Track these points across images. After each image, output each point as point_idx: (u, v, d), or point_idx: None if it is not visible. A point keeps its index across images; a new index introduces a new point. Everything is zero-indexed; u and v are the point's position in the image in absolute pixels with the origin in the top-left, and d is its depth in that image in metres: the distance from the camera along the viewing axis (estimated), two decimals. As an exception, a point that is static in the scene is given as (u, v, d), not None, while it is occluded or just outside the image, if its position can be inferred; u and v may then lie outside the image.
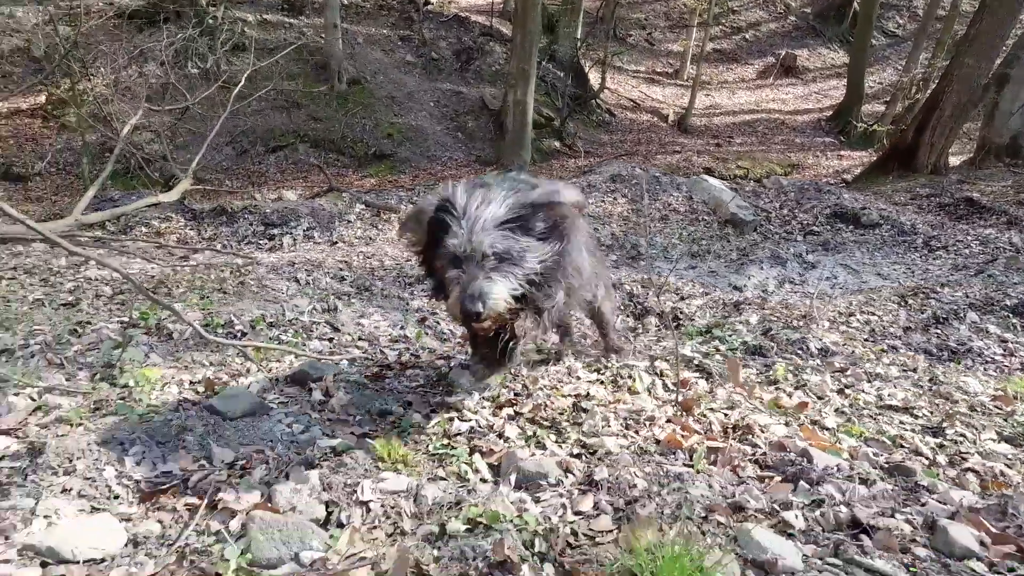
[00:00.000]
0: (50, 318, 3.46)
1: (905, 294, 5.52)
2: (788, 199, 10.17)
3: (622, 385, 2.84)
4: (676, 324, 5.20)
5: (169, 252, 6.30)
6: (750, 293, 6.85)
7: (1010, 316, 4.79)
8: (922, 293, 5.47)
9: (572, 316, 3.34)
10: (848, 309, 5.22)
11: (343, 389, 2.60)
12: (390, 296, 5.25)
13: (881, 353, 3.68)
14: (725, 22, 21.86)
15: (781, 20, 22.43)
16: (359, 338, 3.69)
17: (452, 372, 2.89)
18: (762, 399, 2.77)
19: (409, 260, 6.07)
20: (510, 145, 11.26)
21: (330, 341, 3.56)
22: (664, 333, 4.73)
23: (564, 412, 2.47)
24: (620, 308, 5.64)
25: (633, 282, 6.25)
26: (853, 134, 16.69)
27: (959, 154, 13.58)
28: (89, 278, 5.01)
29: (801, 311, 5.12)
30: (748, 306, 5.55)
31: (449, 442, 2.18)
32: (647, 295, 5.97)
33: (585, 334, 4.29)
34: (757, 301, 5.95)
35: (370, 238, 7.63)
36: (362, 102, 11.99)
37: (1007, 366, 3.94)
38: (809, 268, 7.95)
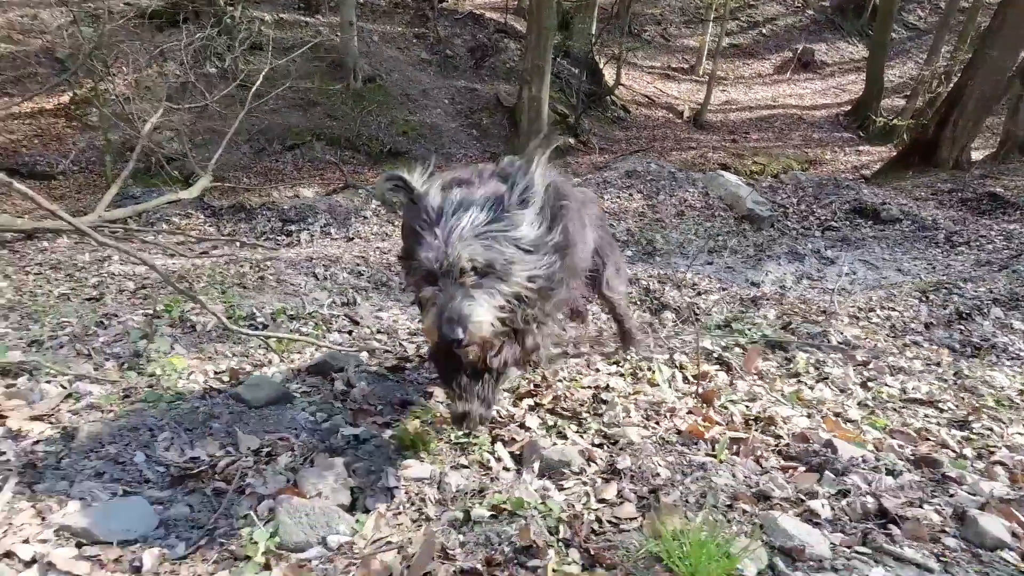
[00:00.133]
0: (77, 311, 3.53)
1: (927, 289, 5.44)
2: (806, 194, 10.05)
3: (641, 377, 2.84)
4: (695, 319, 5.18)
5: (189, 248, 6.39)
6: (768, 289, 6.77)
7: (1036, 311, 4.69)
8: (944, 288, 5.38)
9: (583, 303, 3.19)
10: (868, 304, 5.15)
11: (364, 380, 2.62)
12: (408, 291, 5.28)
13: (904, 347, 3.63)
14: (742, 17, 21.65)
15: (799, 14, 22.15)
16: (378, 331, 3.72)
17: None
18: (783, 391, 2.75)
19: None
20: (524, 142, 11.25)
21: (349, 334, 3.59)
22: (681, 328, 4.70)
23: (584, 403, 2.47)
24: (637, 303, 5.63)
25: (650, 277, 6.22)
26: (872, 129, 16.44)
27: (982, 148, 13.33)
28: (112, 273, 5.10)
29: (820, 307, 5.07)
30: (766, 301, 5.51)
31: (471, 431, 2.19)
32: (664, 290, 5.93)
33: (601, 329, 4.29)
34: (775, 297, 5.90)
35: (386, 234, 7.67)
36: (377, 100, 12.06)
37: (1034, 361, 3.86)
38: (827, 264, 7.85)
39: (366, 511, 1.68)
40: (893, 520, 1.55)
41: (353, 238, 7.49)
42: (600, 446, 2.09)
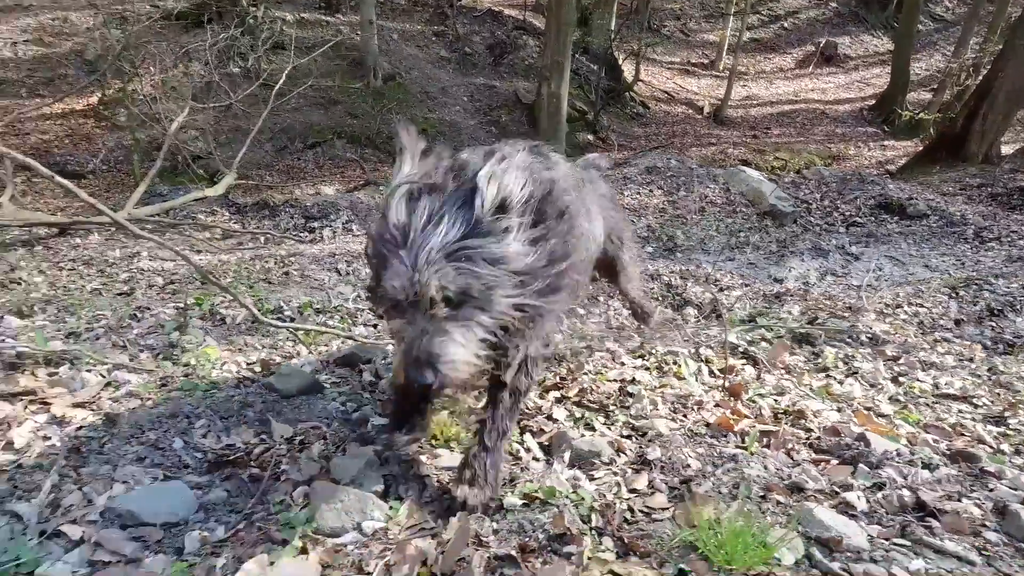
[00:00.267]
0: (111, 304, 3.61)
1: (956, 285, 5.34)
2: (829, 190, 9.91)
3: (667, 371, 2.83)
4: (716, 315, 5.14)
5: (215, 244, 6.50)
6: (791, 285, 6.69)
7: (1072, 307, 4.58)
8: (975, 285, 5.27)
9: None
10: (895, 301, 5.07)
11: (392, 371, 2.65)
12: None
13: (935, 343, 3.57)
14: (763, 10, 21.36)
15: (822, 7, 21.79)
16: (402, 325, 3.75)
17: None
18: (811, 386, 2.72)
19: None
20: (543, 138, 11.24)
21: (375, 327, 3.63)
22: (704, 323, 4.67)
23: (611, 396, 2.47)
24: (659, 299, 5.60)
25: (671, 273, 6.19)
26: (898, 123, 16.13)
27: (1012, 142, 13.00)
28: (142, 269, 5.22)
29: (846, 303, 5.01)
30: (790, 297, 5.45)
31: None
32: (686, 286, 5.90)
33: (624, 324, 4.28)
34: (799, 293, 5.83)
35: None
36: (397, 98, 12.14)
37: (1070, 358, 3.77)
38: (852, 260, 7.73)
39: (399, 498, 1.71)
40: (932, 513, 1.53)
41: (374, 234, 7.55)
42: (629, 437, 2.09)
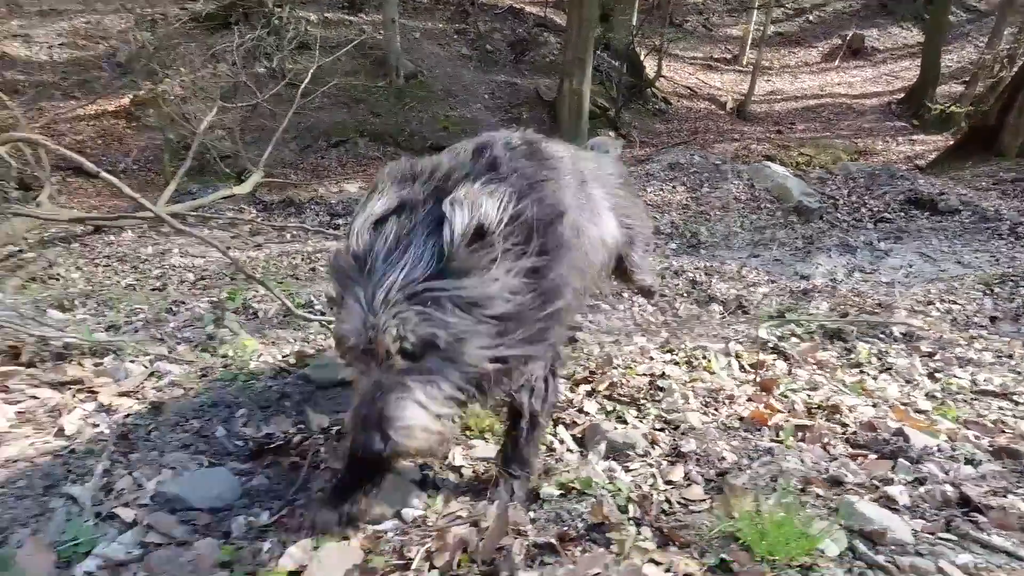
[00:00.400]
0: (147, 299, 3.71)
1: (991, 282, 5.22)
2: (857, 185, 9.75)
3: (697, 365, 2.82)
4: (742, 311, 5.10)
5: (244, 242, 6.62)
6: (819, 281, 6.59)
7: (1115, 304, 4.45)
8: (1011, 281, 5.15)
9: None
10: (927, 297, 4.99)
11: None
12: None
13: (972, 339, 3.49)
14: (787, 3, 21.01)
15: (848, -1, 21.37)
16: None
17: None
18: (844, 381, 2.69)
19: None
20: (565, 136, 11.21)
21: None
22: (729, 319, 4.64)
23: (641, 390, 2.47)
24: (684, 295, 5.58)
25: (696, 270, 6.16)
26: (927, 117, 15.74)
27: (1049, 135, 12.58)
28: (173, 265, 5.34)
29: (875, 299, 4.93)
30: (817, 294, 5.38)
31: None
32: (710, 282, 5.86)
33: (648, 320, 4.27)
34: (826, 289, 5.76)
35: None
36: (419, 96, 12.21)
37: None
38: (881, 257, 7.59)
39: (436, 488, 1.73)
40: (977, 509, 1.51)
41: (398, 231, 7.61)
42: (662, 430, 2.09)
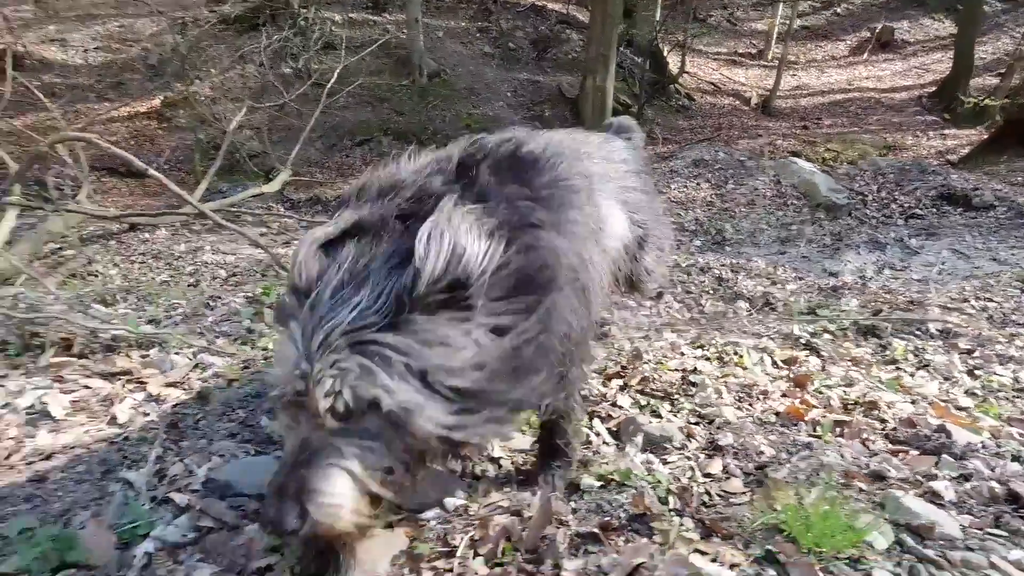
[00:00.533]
0: (184, 294, 3.81)
1: (1030, 279, 5.08)
2: (886, 181, 9.57)
3: (728, 361, 2.81)
4: (769, 309, 5.06)
5: (272, 239, 6.74)
6: (848, 278, 6.49)
7: None
8: (1052, 278, 5.01)
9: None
10: (961, 295, 4.88)
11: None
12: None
13: (1012, 336, 3.41)
14: (814, -3, 20.65)
15: (877, -9, 20.91)
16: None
17: None
18: (880, 378, 2.66)
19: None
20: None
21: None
22: (757, 317, 4.60)
23: (673, 385, 2.47)
24: (710, 292, 5.54)
25: (722, 267, 6.11)
26: (960, 111, 15.35)
27: (1089, 129, 12.18)
28: (206, 262, 5.46)
29: (907, 296, 4.85)
30: (847, 291, 5.31)
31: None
32: (737, 279, 5.81)
33: (675, 317, 4.25)
34: (856, 287, 5.68)
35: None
36: (442, 94, 12.28)
37: None
38: (912, 253, 7.44)
39: (476, 478, 1.76)
40: (1026, 504, 1.49)
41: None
42: (697, 424, 2.09)
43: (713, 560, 1.28)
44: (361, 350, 0.95)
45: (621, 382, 2.49)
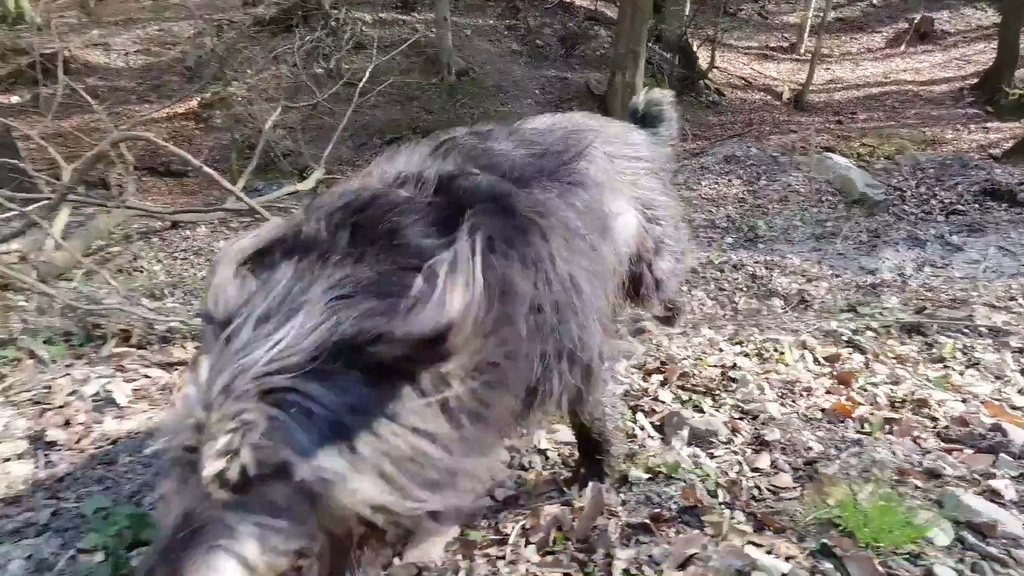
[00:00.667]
0: (227, 289, 3.91)
1: (1082, 276, 4.91)
2: (926, 176, 9.32)
3: (768, 357, 2.78)
4: (804, 306, 4.99)
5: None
6: (886, 276, 6.35)
7: None
8: (1105, 275, 4.83)
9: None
10: (1008, 293, 4.74)
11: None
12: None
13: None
14: (848, -12, 20.14)
15: (915, -19, 20.29)
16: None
17: None
18: (928, 376, 2.61)
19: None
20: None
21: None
22: (793, 314, 4.54)
23: (714, 380, 2.46)
24: (743, 290, 5.49)
25: (755, 264, 6.05)
26: (1003, 103, 14.82)
27: None
28: (245, 259, 5.60)
29: (950, 295, 4.73)
30: (886, 289, 5.21)
31: (606, 403, 2.25)
32: (771, 277, 5.74)
33: (709, 314, 4.21)
34: (895, 284, 5.56)
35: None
36: (470, 92, 12.34)
37: None
38: (954, 251, 7.24)
39: (523, 469, 1.78)
40: (1089, 504, 1.46)
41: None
42: (741, 419, 2.08)
43: (768, 552, 1.28)
44: (275, 399, 0.74)
45: (662, 377, 2.49)
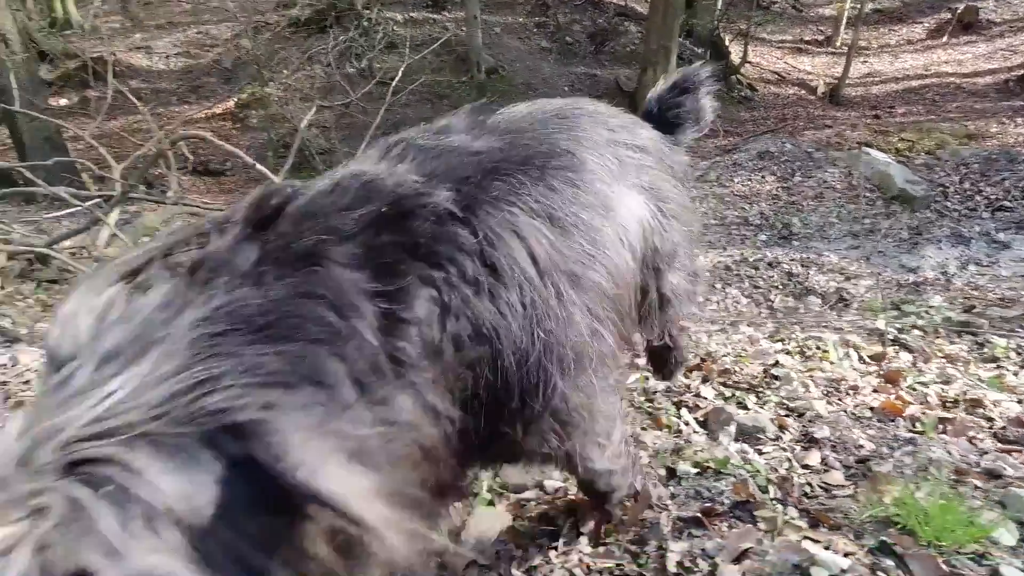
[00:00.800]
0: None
1: None
2: (970, 171, 9.04)
3: (811, 355, 2.75)
4: (842, 304, 4.91)
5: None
6: (928, 274, 6.19)
7: None
8: None
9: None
10: (1060, 293, 4.58)
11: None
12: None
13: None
14: (887, -22, 19.58)
15: (957, -30, 19.61)
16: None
17: None
18: (980, 376, 2.54)
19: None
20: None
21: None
22: (832, 312, 4.47)
23: (756, 377, 2.44)
24: (779, 287, 5.42)
25: (791, 261, 5.96)
26: (1052, 95, 14.25)
27: None
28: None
29: (997, 294, 4.59)
30: (928, 287, 5.08)
31: (648, 398, 2.25)
32: (807, 274, 5.66)
33: (741, 313, 4.17)
34: (938, 282, 5.42)
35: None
36: (500, 90, 12.37)
37: None
38: (1000, 248, 7.02)
39: (569, 462, 1.80)
40: None
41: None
42: (787, 416, 2.06)
43: (826, 548, 1.27)
44: (85, 475, 0.53)
45: (702, 374, 2.48)
